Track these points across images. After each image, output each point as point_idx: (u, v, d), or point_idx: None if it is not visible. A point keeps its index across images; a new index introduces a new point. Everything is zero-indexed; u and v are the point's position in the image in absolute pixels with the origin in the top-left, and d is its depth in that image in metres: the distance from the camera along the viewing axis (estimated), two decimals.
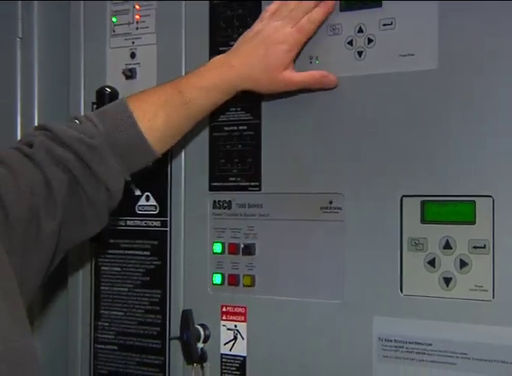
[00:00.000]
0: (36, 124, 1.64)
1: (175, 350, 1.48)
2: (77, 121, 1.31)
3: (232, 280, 1.43)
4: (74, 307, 1.61)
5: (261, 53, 1.32)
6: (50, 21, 1.68)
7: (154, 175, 1.48)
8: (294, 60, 1.35)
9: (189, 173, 1.49)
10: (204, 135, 1.46)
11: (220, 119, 1.44)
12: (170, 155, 1.48)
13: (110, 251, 1.55)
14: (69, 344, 1.62)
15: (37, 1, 1.66)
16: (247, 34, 1.35)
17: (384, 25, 1.29)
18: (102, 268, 1.57)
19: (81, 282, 1.59)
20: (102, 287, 1.58)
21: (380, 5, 1.29)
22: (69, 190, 1.25)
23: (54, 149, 1.25)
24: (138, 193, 1.52)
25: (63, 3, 1.63)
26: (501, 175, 1.19)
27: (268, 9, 1.35)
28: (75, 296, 1.60)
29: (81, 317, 1.60)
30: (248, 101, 1.40)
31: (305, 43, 1.34)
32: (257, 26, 1.35)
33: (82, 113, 1.54)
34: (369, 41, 1.31)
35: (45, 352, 1.69)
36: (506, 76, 1.19)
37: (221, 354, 1.43)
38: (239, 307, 1.42)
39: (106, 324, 1.57)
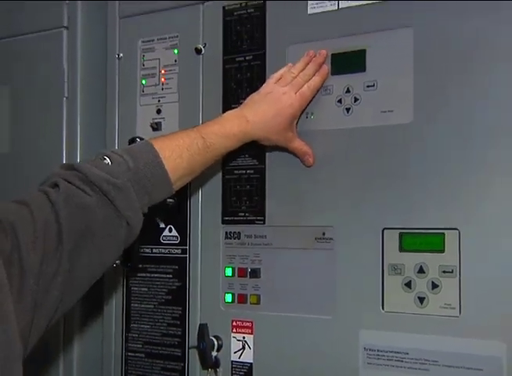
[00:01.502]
0: None
1: (193, 357, 1.48)
2: (107, 158, 1.23)
3: (241, 299, 1.43)
4: (109, 321, 1.61)
5: (272, 113, 1.31)
6: (91, 83, 1.69)
7: (176, 211, 1.48)
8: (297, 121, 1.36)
9: (205, 209, 1.49)
10: (218, 177, 1.47)
11: (231, 164, 1.45)
12: (189, 194, 1.48)
13: (139, 274, 1.55)
14: (103, 352, 1.62)
15: (80, 66, 1.68)
16: (256, 95, 1.34)
17: (368, 86, 1.31)
18: (133, 288, 1.57)
19: (114, 300, 1.58)
20: (132, 304, 1.58)
21: (364, 70, 1.31)
22: (82, 238, 1.17)
23: (77, 195, 1.17)
24: (162, 225, 1.51)
25: (102, 68, 1.65)
26: (465, 212, 1.20)
27: (273, 76, 1.35)
28: (110, 312, 1.61)
29: (115, 330, 1.61)
30: (254, 150, 1.41)
31: (306, 105, 1.36)
32: (264, 89, 1.34)
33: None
34: (355, 99, 1.32)
35: (83, 359, 1.68)
36: (464, 125, 1.21)
37: (232, 361, 1.43)
38: (246, 321, 1.42)
39: (136, 335, 1.57)
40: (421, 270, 1.24)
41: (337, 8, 1.34)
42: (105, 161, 1.22)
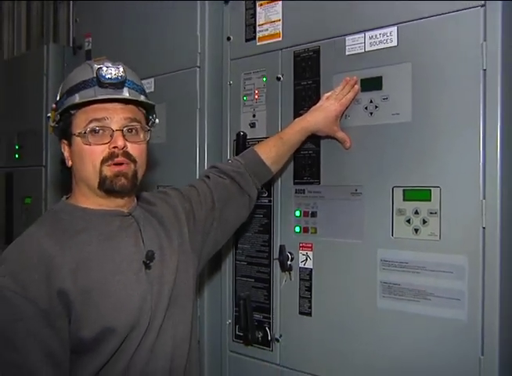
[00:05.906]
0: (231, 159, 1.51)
1: (276, 265, 1.51)
2: (230, 160, 1.39)
3: (305, 230, 1.46)
4: (226, 243, 1.55)
5: (322, 115, 1.36)
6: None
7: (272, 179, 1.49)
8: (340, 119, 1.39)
9: (284, 176, 1.50)
10: (291, 157, 1.47)
11: (299, 148, 1.45)
12: None
13: None
14: (222, 262, 1.65)
15: (211, 90, 1.66)
16: (314, 107, 1.40)
17: (383, 99, 1.33)
18: None
19: None
20: (239, 232, 1.57)
21: (381, 89, 1.33)
22: (225, 203, 1.31)
23: (219, 180, 1.32)
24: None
25: (219, 90, 1.63)
26: (444, 175, 1.22)
27: (325, 95, 1.40)
28: None
29: (229, 247, 1.62)
30: (314, 139, 1.43)
31: (344, 111, 1.38)
32: (319, 103, 1.40)
33: (228, 152, 1.60)
34: (376, 107, 1.34)
35: (211, 262, 1.65)
36: (440, 120, 1.21)
37: (299, 267, 1.46)
38: (308, 244, 1.45)
39: (241, 251, 1.61)
40: (416, 212, 1.26)
41: (363, 51, 1.35)
42: (229, 161, 1.40)
